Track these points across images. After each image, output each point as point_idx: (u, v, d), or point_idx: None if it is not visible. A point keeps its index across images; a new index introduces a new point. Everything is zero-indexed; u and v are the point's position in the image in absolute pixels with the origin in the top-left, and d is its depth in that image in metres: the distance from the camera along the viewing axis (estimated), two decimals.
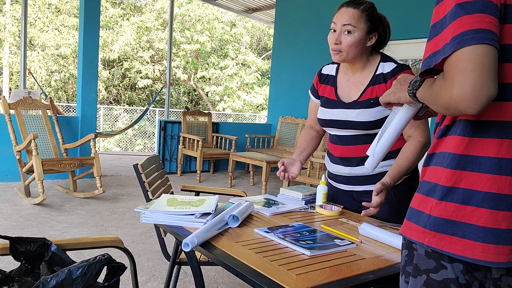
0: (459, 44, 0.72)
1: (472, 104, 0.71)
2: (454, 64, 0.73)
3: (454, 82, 0.72)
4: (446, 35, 0.76)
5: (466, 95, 0.71)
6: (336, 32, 1.56)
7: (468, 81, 0.70)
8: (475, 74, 0.70)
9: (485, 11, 0.73)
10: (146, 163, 1.88)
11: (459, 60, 0.72)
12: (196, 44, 14.48)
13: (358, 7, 1.54)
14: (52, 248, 1.21)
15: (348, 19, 1.53)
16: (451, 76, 0.74)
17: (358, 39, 1.54)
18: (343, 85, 1.69)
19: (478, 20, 0.72)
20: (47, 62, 13.49)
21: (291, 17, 6.87)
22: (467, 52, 0.71)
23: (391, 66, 1.58)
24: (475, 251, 0.78)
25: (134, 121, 7.37)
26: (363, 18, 1.54)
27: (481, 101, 0.71)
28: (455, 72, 0.72)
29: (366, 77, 1.62)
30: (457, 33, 0.73)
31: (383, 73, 1.58)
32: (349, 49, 1.55)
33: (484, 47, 0.71)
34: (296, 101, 6.61)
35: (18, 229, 3.24)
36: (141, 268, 2.65)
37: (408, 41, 5.18)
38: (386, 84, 1.57)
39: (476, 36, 0.71)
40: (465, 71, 0.71)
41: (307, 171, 4.61)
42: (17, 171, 4.66)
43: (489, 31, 0.72)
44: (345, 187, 1.72)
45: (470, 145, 0.80)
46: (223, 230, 1.28)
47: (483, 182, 0.78)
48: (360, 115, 1.57)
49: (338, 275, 1.00)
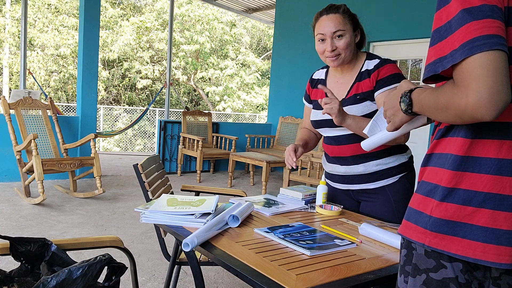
0: (470, 51, 0.72)
1: (489, 111, 0.71)
2: (467, 71, 0.72)
3: (469, 90, 0.72)
4: (453, 41, 0.75)
5: (483, 102, 0.70)
6: (327, 41, 1.60)
7: (485, 88, 0.70)
8: (491, 81, 0.70)
9: (492, 16, 0.72)
10: (146, 163, 1.88)
11: (473, 67, 0.71)
12: (196, 45, 14.48)
13: (338, 11, 1.59)
14: (52, 248, 1.21)
15: (335, 25, 1.58)
16: (465, 84, 0.73)
17: (350, 39, 1.60)
18: (332, 87, 1.74)
19: (487, 25, 0.72)
20: (47, 62, 13.49)
21: (291, 17, 6.87)
22: (480, 59, 0.71)
23: (375, 62, 1.63)
24: (476, 251, 0.78)
25: (134, 121, 7.37)
26: (346, 19, 1.59)
27: (498, 107, 0.70)
28: (470, 79, 0.72)
29: (353, 75, 1.67)
30: (467, 39, 0.72)
31: (368, 69, 1.63)
32: (346, 51, 1.60)
33: (496, 53, 0.71)
34: (296, 101, 6.61)
35: (18, 229, 3.24)
36: (141, 268, 2.65)
37: (408, 41, 5.19)
38: (369, 79, 1.61)
39: (487, 42, 0.71)
40: (481, 78, 0.70)
41: (307, 171, 4.61)
42: (17, 171, 4.66)
43: (499, 36, 0.72)
44: (342, 186, 1.74)
45: (472, 147, 0.80)
46: (223, 230, 1.28)
47: (483, 183, 0.78)
48: (348, 111, 1.61)
49: (338, 275, 1.00)
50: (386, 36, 5.30)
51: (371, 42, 5.51)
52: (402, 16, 5.17)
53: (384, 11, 5.37)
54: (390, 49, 5.37)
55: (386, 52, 5.36)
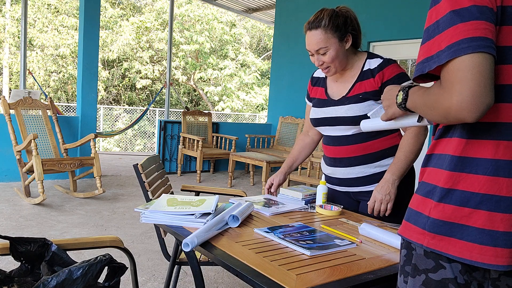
0: (455, 53, 0.73)
1: (471, 113, 0.72)
2: (452, 73, 0.74)
3: (453, 92, 0.73)
4: (440, 42, 0.76)
5: (465, 104, 0.72)
6: (314, 56, 1.61)
7: (467, 91, 0.72)
8: (474, 83, 0.71)
9: (480, 17, 0.73)
10: (146, 163, 1.88)
11: (457, 69, 0.73)
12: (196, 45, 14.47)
13: (319, 27, 1.56)
14: (52, 248, 1.21)
15: (316, 43, 1.57)
16: (449, 85, 0.74)
17: (336, 52, 1.58)
18: (332, 85, 1.74)
19: (474, 27, 0.73)
20: (46, 62, 13.49)
21: (291, 17, 6.87)
22: (464, 62, 0.72)
23: (378, 61, 1.62)
24: (473, 252, 0.78)
25: (134, 121, 7.37)
26: (329, 34, 1.55)
27: (480, 110, 0.72)
28: (454, 81, 0.73)
29: (354, 74, 1.66)
30: (453, 41, 0.74)
31: (370, 68, 1.62)
32: (334, 63, 1.60)
33: (481, 55, 0.72)
34: (296, 101, 6.61)
35: (18, 229, 3.24)
36: (141, 268, 2.65)
37: (408, 41, 5.18)
38: (374, 79, 1.60)
39: (472, 44, 0.72)
40: (464, 80, 0.72)
41: (307, 171, 4.61)
42: (17, 171, 4.66)
43: (485, 38, 0.72)
44: (341, 189, 1.75)
45: (468, 147, 0.80)
46: (223, 230, 1.28)
47: (480, 184, 0.78)
48: (350, 110, 1.61)
49: (338, 275, 1.00)
50: (386, 36, 5.30)
51: (371, 42, 5.51)
52: (402, 16, 5.17)
53: (384, 11, 5.37)
54: (390, 49, 5.37)
55: (386, 52, 5.36)
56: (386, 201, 1.52)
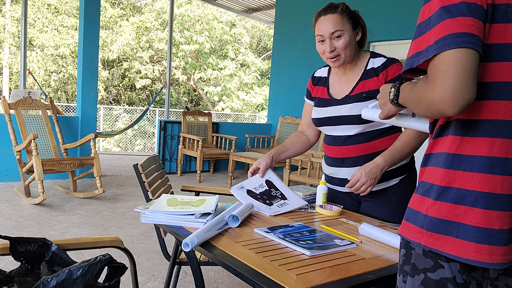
0: (440, 48, 0.74)
1: (451, 107, 0.74)
2: (436, 67, 0.75)
3: (436, 85, 0.75)
4: (429, 37, 0.78)
5: (446, 98, 0.73)
6: (326, 41, 1.59)
7: (449, 85, 0.73)
8: (456, 78, 0.73)
9: (468, 14, 0.74)
10: (146, 163, 1.88)
11: (441, 63, 0.74)
12: (196, 45, 14.47)
13: (336, 11, 1.57)
14: (52, 248, 1.21)
15: (333, 26, 1.56)
16: (433, 79, 0.76)
17: (349, 39, 1.58)
18: (334, 85, 1.72)
19: (460, 23, 0.74)
20: (46, 62, 13.49)
21: (291, 17, 6.87)
22: (448, 56, 0.74)
23: (381, 60, 1.62)
24: (468, 251, 0.78)
25: (134, 121, 7.37)
26: (345, 19, 1.57)
27: (459, 104, 0.73)
28: (438, 75, 0.75)
29: (357, 73, 1.65)
30: (440, 37, 0.75)
31: (374, 67, 1.62)
32: (345, 51, 1.58)
33: (464, 51, 0.73)
34: (296, 101, 6.61)
35: (18, 229, 3.24)
36: (141, 268, 2.65)
37: (408, 41, 5.17)
38: (377, 77, 1.60)
39: (457, 40, 0.73)
40: (446, 74, 0.73)
41: (307, 171, 4.61)
42: (17, 171, 4.66)
43: (471, 34, 0.73)
44: (343, 189, 1.72)
45: (462, 144, 0.81)
46: (223, 230, 1.28)
47: (475, 182, 0.79)
48: (353, 109, 1.60)
49: (338, 275, 1.00)
50: (386, 36, 5.30)
51: (371, 42, 5.50)
52: (402, 16, 5.17)
53: (384, 11, 5.37)
54: (390, 49, 5.37)
55: (386, 52, 5.33)
56: (369, 184, 1.51)
